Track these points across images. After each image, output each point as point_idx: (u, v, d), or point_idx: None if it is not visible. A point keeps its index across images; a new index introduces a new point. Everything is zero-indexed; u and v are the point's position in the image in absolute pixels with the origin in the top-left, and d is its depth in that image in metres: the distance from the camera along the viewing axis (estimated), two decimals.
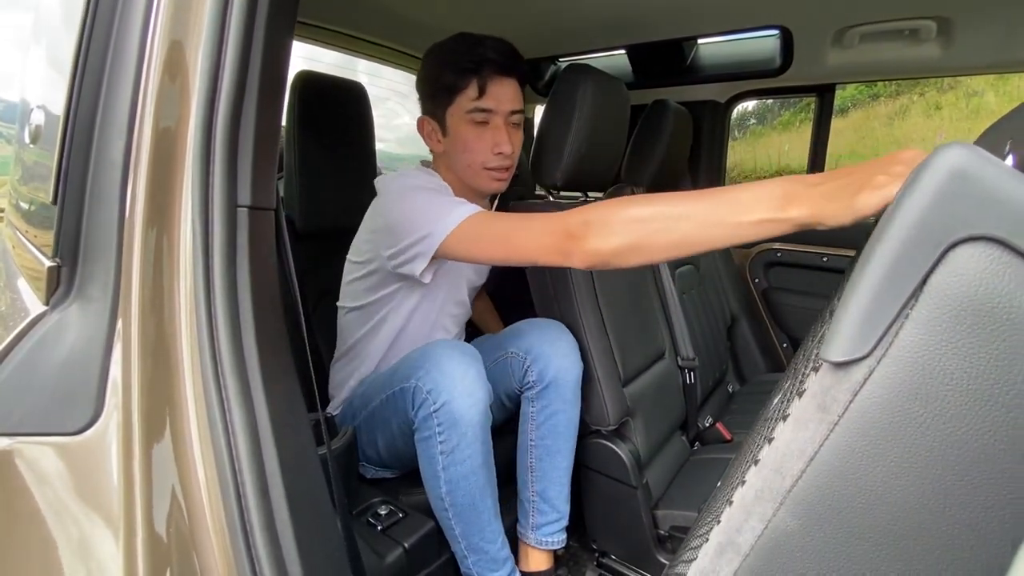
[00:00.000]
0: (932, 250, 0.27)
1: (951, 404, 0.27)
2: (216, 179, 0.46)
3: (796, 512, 0.31)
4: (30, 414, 0.48)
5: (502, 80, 0.91)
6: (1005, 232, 0.26)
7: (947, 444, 0.27)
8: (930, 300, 0.28)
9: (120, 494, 0.46)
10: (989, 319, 0.26)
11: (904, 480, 0.29)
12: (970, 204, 0.27)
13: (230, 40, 0.46)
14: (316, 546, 0.47)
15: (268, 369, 0.48)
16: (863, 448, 0.29)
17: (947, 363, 0.27)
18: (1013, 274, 0.26)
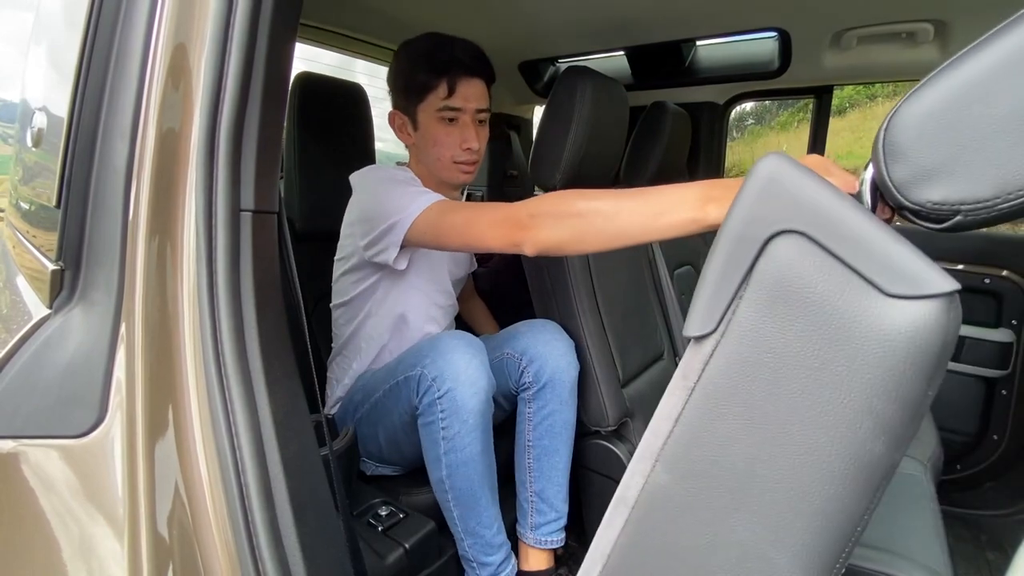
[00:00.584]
0: (756, 242, 0.33)
1: (772, 370, 0.33)
2: (220, 183, 0.47)
3: (666, 467, 0.37)
4: (34, 417, 0.48)
5: (470, 80, 0.96)
6: (804, 225, 0.32)
7: (769, 402, 0.33)
8: (756, 284, 0.33)
9: (124, 496, 0.46)
10: (796, 299, 0.32)
11: (743, 435, 0.34)
12: (780, 204, 0.33)
13: (234, 44, 0.46)
14: (319, 547, 0.47)
15: (271, 371, 0.48)
16: (711, 410, 0.35)
17: (768, 336, 0.33)
18: (811, 260, 0.31)
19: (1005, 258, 1.49)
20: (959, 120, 0.30)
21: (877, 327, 0.29)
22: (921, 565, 0.82)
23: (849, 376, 0.30)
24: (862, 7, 1.25)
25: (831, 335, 0.31)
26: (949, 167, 0.31)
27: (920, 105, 0.32)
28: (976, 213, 0.30)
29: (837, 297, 0.30)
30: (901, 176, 0.32)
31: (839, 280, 0.30)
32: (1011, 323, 1.48)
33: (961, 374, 1.54)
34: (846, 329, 0.30)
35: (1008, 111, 0.29)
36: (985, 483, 1.54)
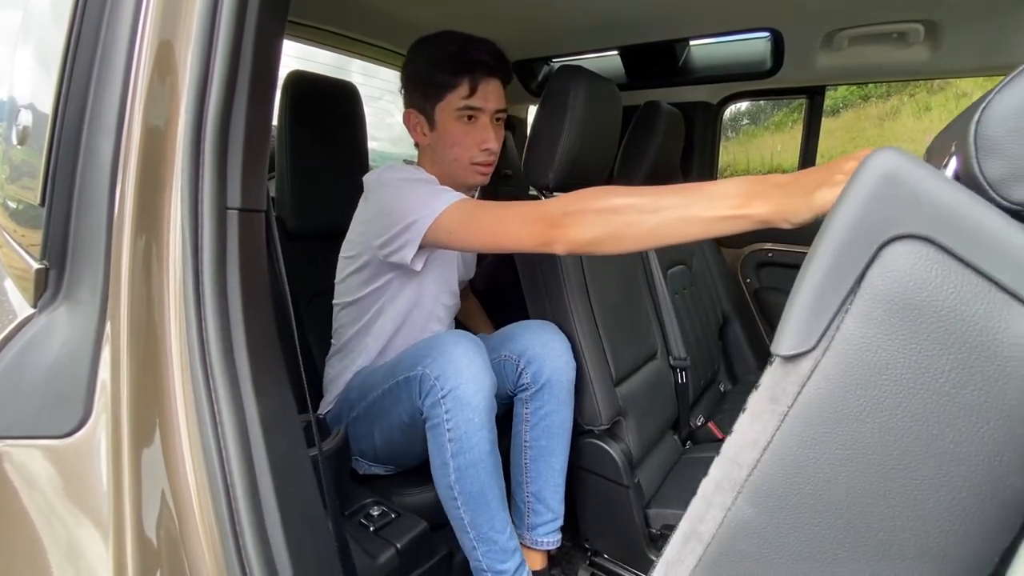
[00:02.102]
0: (867, 248, 0.29)
1: (888, 393, 0.29)
2: (206, 181, 0.46)
3: (752, 500, 0.33)
4: (18, 417, 0.48)
5: (490, 80, 0.96)
6: (929, 230, 0.28)
7: (885, 430, 0.29)
8: (867, 295, 0.29)
9: (109, 497, 0.46)
10: (919, 312, 0.28)
11: (849, 466, 0.30)
12: (899, 205, 0.29)
13: (220, 40, 0.46)
14: (307, 548, 0.47)
15: (258, 371, 0.48)
16: (811, 437, 0.31)
17: (883, 355, 0.29)
18: (938, 269, 0.28)
19: None
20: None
21: (1020, 345, 0.26)
22: None
23: (988, 400, 0.27)
24: (853, 8, 1.25)
25: (965, 354, 0.27)
26: None
27: (1018, 96, 0.29)
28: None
29: (972, 311, 0.27)
30: (997, 173, 0.29)
31: (974, 292, 0.27)
32: None
33: None
34: (984, 347, 0.27)
35: None
36: None
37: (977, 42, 1.29)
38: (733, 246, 1.89)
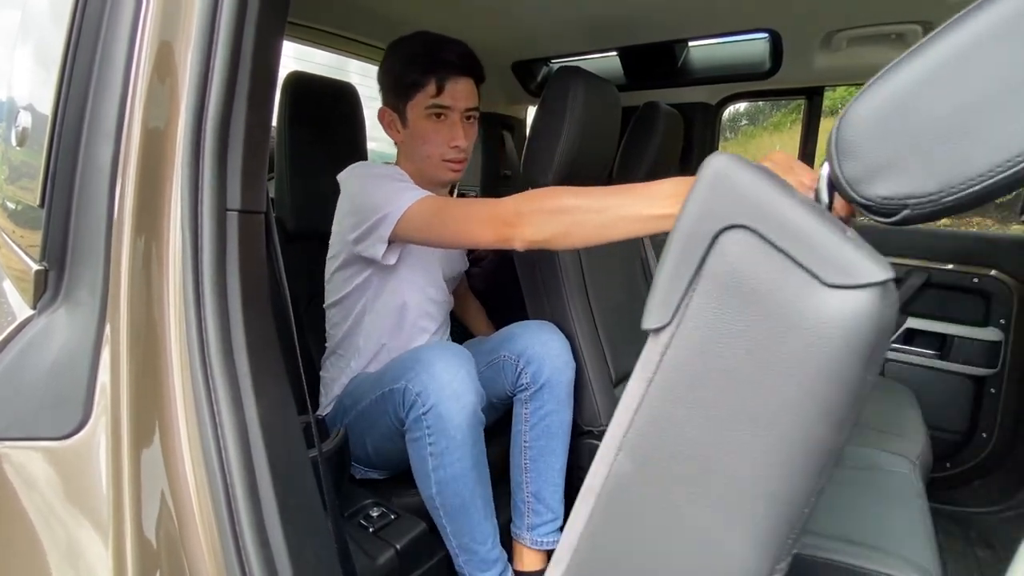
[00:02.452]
0: (706, 237, 0.34)
1: (724, 359, 0.34)
2: (205, 182, 0.46)
3: (629, 455, 0.38)
4: (18, 419, 0.48)
5: (459, 80, 0.97)
6: (749, 220, 0.32)
7: (720, 390, 0.34)
8: (707, 277, 0.34)
9: (109, 498, 0.46)
10: (744, 291, 0.33)
11: (697, 421, 0.35)
12: (728, 200, 0.33)
13: (220, 41, 0.46)
14: (307, 549, 0.47)
15: (258, 373, 0.48)
16: (668, 399, 0.36)
17: (719, 327, 0.34)
18: (758, 254, 0.32)
19: (994, 258, 1.50)
20: (905, 119, 0.32)
21: (817, 316, 0.30)
22: (910, 562, 0.82)
23: (795, 364, 0.31)
24: (852, 9, 1.25)
25: (778, 325, 0.32)
26: (896, 164, 0.33)
27: (869, 104, 0.34)
28: (922, 207, 0.33)
29: (781, 288, 0.31)
30: (852, 172, 0.35)
31: (783, 272, 0.31)
32: (999, 322, 1.49)
33: (950, 372, 1.55)
34: (790, 319, 0.31)
35: (949, 111, 0.31)
36: (974, 480, 1.55)
37: None
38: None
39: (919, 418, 1.30)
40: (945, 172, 0.31)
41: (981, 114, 0.31)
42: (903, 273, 1.61)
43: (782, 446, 0.32)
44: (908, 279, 1.60)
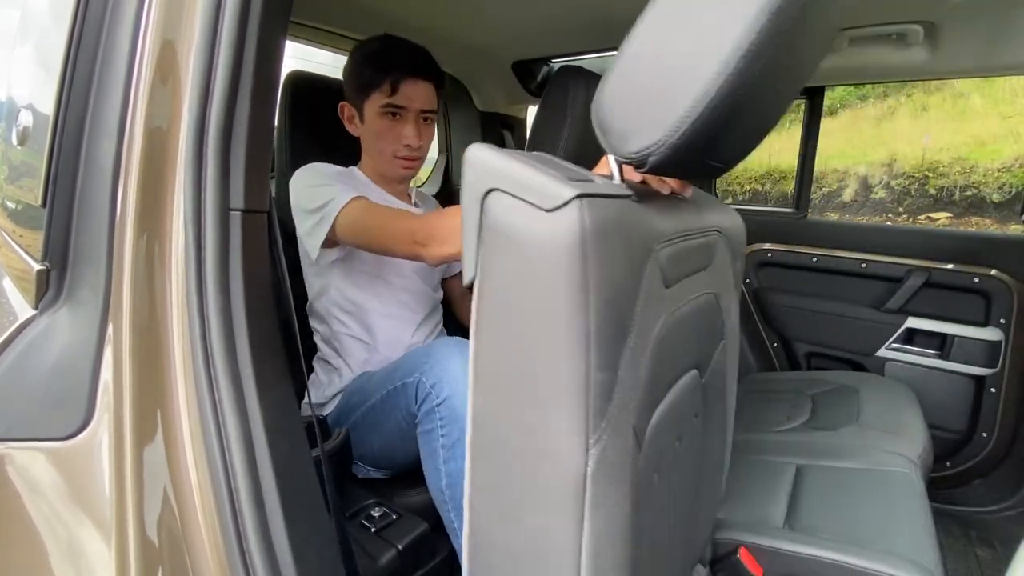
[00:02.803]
0: (477, 203, 0.43)
1: (511, 288, 0.42)
2: (209, 182, 0.46)
3: (481, 393, 0.46)
4: (20, 419, 0.47)
5: (415, 81, 1.01)
6: (496, 183, 0.42)
7: (520, 314, 0.42)
8: (487, 232, 0.43)
9: (112, 499, 0.45)
10: (506, 233, 0.42)
11: (504, 346, 0.44)
12: (483, 173, 0.43)
13: (223, 40, 0.46)
14: (311, 550, 0.47)
15: (261, 373, 0.48)
16: (493, 335, 0.44)
17: (501, 267, 0.42)
18: (507, 204, 0.41)
19: (994, 257, 1.50)
20: (630, 92, 0.45)
21: (544, 231, 0.40)
22: (912, 562, 0.82)
23: (546, 282, 0.40)
24: (853, 8, 1.25)
25: (527, 248, 0.41)
26: (631, 127, 0.44)
27: (606, 89, 0.46)
28: (659, 152, 0.43)
29: (522, 222, 0.41)
30: (611, 142, 0.46)
31: (521, 211, 0.41)
32: (1000, 322, 1.49)
33: (950, 372, 1.55)
34: (532, 240, 0.40)
35: (654, 78, 0.43)
36: (974, 480, 1.56)
37: (976, 43, 1.29)
38: None
39: (920, 417, 1.30)
40: (662, 121, 0.42)
41: (674, 73, 0.42)
42: (904, 273, 1.61)
43: (565, 341, 0.40)
44: (908, 279, 1.60)
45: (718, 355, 0.72)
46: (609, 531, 0.42)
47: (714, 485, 0.80)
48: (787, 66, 0.46)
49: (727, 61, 0.39)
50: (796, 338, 1.79)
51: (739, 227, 0.76)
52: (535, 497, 0.43)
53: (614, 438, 0.42)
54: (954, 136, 6.51)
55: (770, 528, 0.95)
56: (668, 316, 0.51)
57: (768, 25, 0.38)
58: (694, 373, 0.64)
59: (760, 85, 0.42)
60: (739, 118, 0.44)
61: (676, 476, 0.61)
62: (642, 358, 0.46)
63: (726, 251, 0.71)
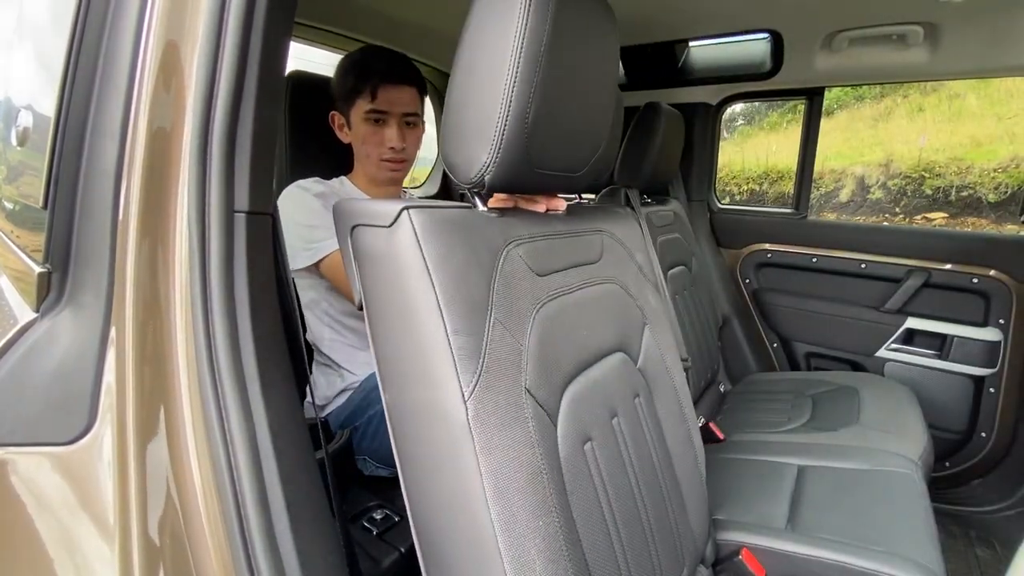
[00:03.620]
0: (347, 237, 0.53)
1: (383, 297, 0.51)
2: (213, 184, 0.46)
3: (387, 390, 0.54)
4: (21, 423, 0.47)
5: (395, 87, 1.05)
6: (357, 220, 0.52)
7: (388, 322, 0.52)
8: (359, 258, 0.53)
9: (115, 504, 0.45)
10: (370, 256, 0.51)
11: (396, 340, 0.52)
12: (347, 215, 0.53)
13: (227, 41, 0.45)
14: (316, 555, 0.47)
15: (266, 376, 0.47)
16: (383, 339, 0.53)
17: (373, 281, 0.52)
18: (366, 234, 0.52)
19: (993, 258, 1.51)
20: (455, 135, 0.56)
21: (389, 244, 0.50)
22: (915, 563, 0.82)
23: (400, 276, 0.50)
24: (854, 9, 1.26)
25: (386, 261, 0.50)
26: (465, 158, 0.54)
27: (444, 136, 0.57)
28: (489, 171, 0.53)
29: (377, 242, 0.51)
30: (459, 176, 0.56)
31: (374, 234, 0.51)
32: (999, 322, 1.50)
33: (950, 372, 1.56)
34: (387, 254, 0.50)
35: (466, 122, 0.55)
36: (974, 480, 1.56)
37: (976, 44, 1.30)
38: (732, 247, 1.90)
39: (920, 418, 1.31)
40: (483, 144, 0.53)
41: (480, 106, 0.53)
42: (903, 273, 1.61)
43: (424, 317, 0.49)
44: (908, 279, 1.60)
45: (647, 340, 0.80)
46: (512, 471, 0.48)
47: (691, 473, 0.81)
48: (564, 78, 0.57)
49: (508, 80, 0.51)
50: (796, 338, 1.80)
51: (630, 228, 0.86)
52: (440, 452, 0.49)
53: (492, 392, 0.49)
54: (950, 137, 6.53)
55: (772, 529, 0.95)
56: (550, 299, 0.61)
57: (528, 49, 0.51)
58: (621, 355, 0.73)
59: (546, 94, 0.54)
60: (544, 123, 0.55)
61: (626, 452, 0.69)
62: (519, 330, 0.55)
63: (619, 248, 0.80)
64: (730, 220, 1.92)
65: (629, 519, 0.65)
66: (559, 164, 0.63)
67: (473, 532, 0.48)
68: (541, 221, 0.67)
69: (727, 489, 1.09)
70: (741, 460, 1.21)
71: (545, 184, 0.65)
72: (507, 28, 0.52)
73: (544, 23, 0.52)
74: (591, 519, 0.59)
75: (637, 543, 0.66)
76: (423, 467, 0.51)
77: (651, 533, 0.70)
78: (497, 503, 0.47)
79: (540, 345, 0.57)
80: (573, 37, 0.57)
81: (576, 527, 0.55)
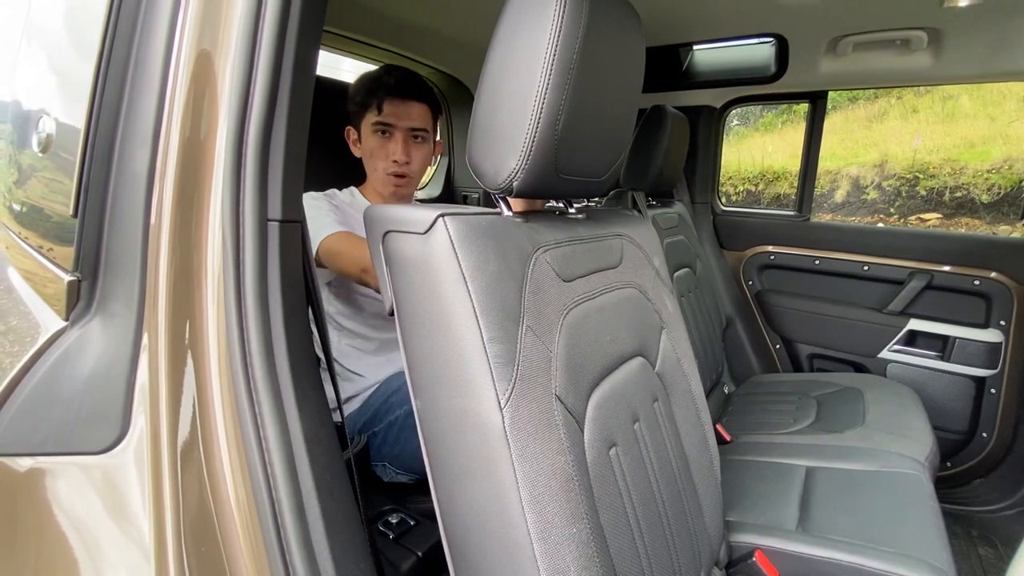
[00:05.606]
0: (379, 243, 0.54)
1: (416, 304, 0.52)
2: (247, 193, 0.46)
3: (419, 396, 0.54)
4: (54, 433, 0.47)
5: (402, 102, 1.07)
6: (389, 226, 0.53)
7: (428, 316, 0.51)
8: (391, 265, 0.53)
9: (149, 513, 0.45)
10: (403, 263, 0.52)
11: (429, 348, 0.52)
12: (379, 221, 0.54)
13: (262, 52, 0.45)
14: (350, 562, 0.47)
15: (299, 385, 0.48)
16: (416, 345, 0.53)
17: (406, 287, 0.53)
18: (400, 241, 0.52)
19: (994, 260, 1.53)
20: (484, 142, 0.56)
21: (425, 251, 0.51)
22: (927, 564, 0.83)
23: (436, 284, 0.50)
24: (859, 14, 1.27)
25: (420, 268, 0.51)
26: (494, 165, 0.55)
27: (472, 143, 0.57)
28: (517, 176, 0.54)
29: (411, 249, 0.51)
30: (486, 182, 0.57)
31: (407, 241, 0.52)
32: (1000, 323, 1.52)
33: (951, 373, 1.57)
34: (422, 261, 0.51)
35: (495, 129, 0.55)
36: (975, 479, 1.58)
37: (979, 49, 1.31)
38: (735, 249, 1.91)
39: (925, 419, 1.32)
40: (513, 151, 0.53)
41: (511, 114, 0.54)
42: (906, 275, 1.63)
43: (460, 324, 0.49)
44: (910, 281, 1.62)
45: (664, 343, 0.80)
46: (547, 479, 0.49)
47: (707, 476, 0.82)
48: (594, 85, 0.58)
49: (540, 88, 0.52)
50: (798, 340, 1.81)
51: (647, 232, 0.86)
52: (474, 459, 0.49)
53: (526, 399, 0.49)
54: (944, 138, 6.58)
55: (784, 531, 0.96)
56: (576, 304, 0.61)
57: (560, 58, 0.52)
58: (640, 360, 0.73)
59: (576, 101, 0.55)
60: (572, 130, 0.56)
61: (648, 456, 0.69)
62: (549, 336, 0.55)
63: (637, 252, 0.80)
64: (733, 222, 1.93)
65: (652, 523, 0.66)
66: (584, 170, 0.64)
67: (508, 540, 0.48)
68: (564, 226, 0.67)
69: (736, 491, 1.09)
70: (749, 462, 1.22)
71: (568, 189, 0.65)
72: (540, 37, 0.52)
73: (577, 31, 0.52)
74: (617, 525, 0.59)
75: (659, 547, 0.66)
76: (456, 474, 0.51)
77: (672, 537, 0.70)
78: (533, 511, 0.47)
79: (567, 351, 0.57)
80: (604, 44, 0.57)
81: (604, 533, 0.56)
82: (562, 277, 0.61)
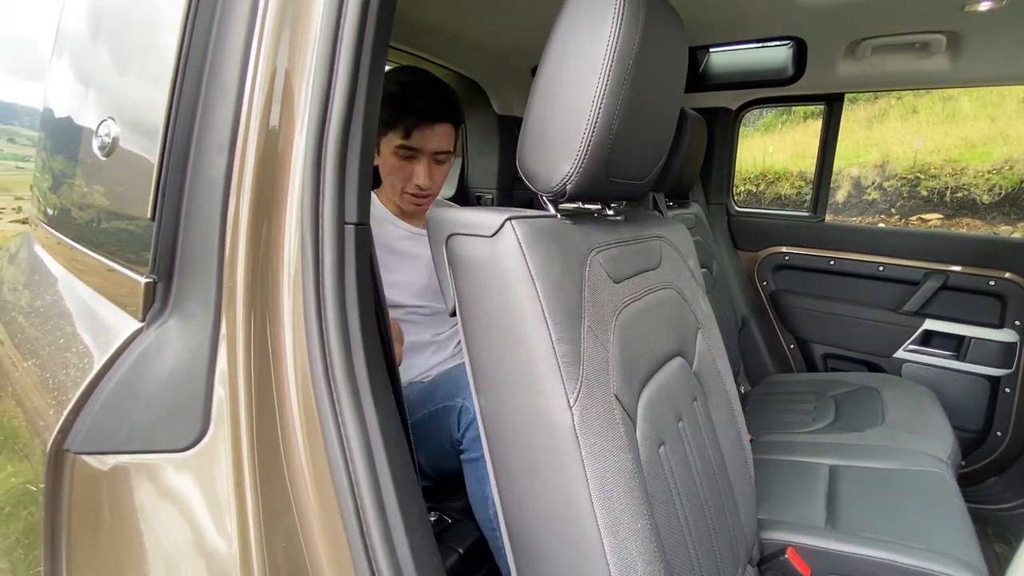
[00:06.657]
0: (442, 246, 0.56)
1: (482, 305, 0.54)
2: (327, 197, 0.47)
3: (482, 394, 0.57)
4: (136, 431, 0.48)
5: (430, 126, 1.00)
6: (453, 229, 0.55)
7: (493, 319, 0.54)
8: (455, 267, 0.56)
9: (232, 510, 0.46)
10: (469, 265, 0.54)
11: (497, 347, 0.55)
12: (442, 224, 0.56)
13: (340, 66, 0.47)
14: (426, 559, 0.48)
15: (375, 384, 0.49)
16: (482, 346, 0.56)
17: (471, 289, 0.55)
18: (465, 244, 0.55)
19: (1009, 261, 1.54)
20: (538, 147, 0.58)
21: (493, 254, 0.52)
22: (960, 560, 0.85)
23: (504, 286, 0.52)
24: (879, 18, 1.28)
25: (488, 271, 0.53)
26: (548, 168, 0.57)
27: (523, 147, 0.60)
28: (572, 179, 0.56)
29: (478, 251, 0.53)
30: (538, 185, 0.59)
31: (475, 243, 0.54)
32: (1015, 323, 1.53)
33: (966, 373, 1.59)
34: (489, 263, 0.53)
35: (550, 133, 0.57)
36: (990, 478, 1.60)
37: (997, 52, 1.33)
38: (749, 249, 1.93)
39: (944, 418, 1.34)
40: (568, 155, 0.55)
41: (566, 119, 0.55)
42: (921, 276, 1.64)
43: (530, 324, 0.51)
44: (925, 281, 1.64)
45: (701, 343, 0.82)
46: (613, 476, 0.50)
47: (741, 474, 0.84)
48: (646, 89, 0.59)
49: (597, 94, 0.53)
50: (813, 340, 1.83)
51: (682, 234, 0.88)
52: (541, 456, 0.51)
53: (592, 399, 0.51)
54: (944, 138, 6.62)
55: (814, 528, 0.97)
56: (625, 305, 0.63)
57: (618, 63, 0.53)
58: (680, 360, 0.75)
59: (630, 106, 0.56)
60: (625, 134, 0.58)
61: (691, 454, 0.71)
62: (605, 337, 0.56)
63: (674, 254, 0.82)
64: (748, 223, 1.94)
65: (697, 520, 0.67)
66: (631, 173, 0.65)
67: (576, 534, 0.49)
68: (609, 228, 0.69)
69: (763, 489, 1.11)
70: (772, 460, 1.23)
71: (615, 192, 0.67)
72: (598, 44, 0.53)
73: (634, 38, 0.54)
74: (669, 522, 0.60)
75: (705, 544, 0.68)
76: (521, 470, 0.52)
77: (714, 533, 0.71)
78: (602, 506, 0.48)
79: (620, 351, 0.59)
80: (656, 49, 0.59)
81: (659, 529, 0.57)
82: (613, 278, 0.63)
